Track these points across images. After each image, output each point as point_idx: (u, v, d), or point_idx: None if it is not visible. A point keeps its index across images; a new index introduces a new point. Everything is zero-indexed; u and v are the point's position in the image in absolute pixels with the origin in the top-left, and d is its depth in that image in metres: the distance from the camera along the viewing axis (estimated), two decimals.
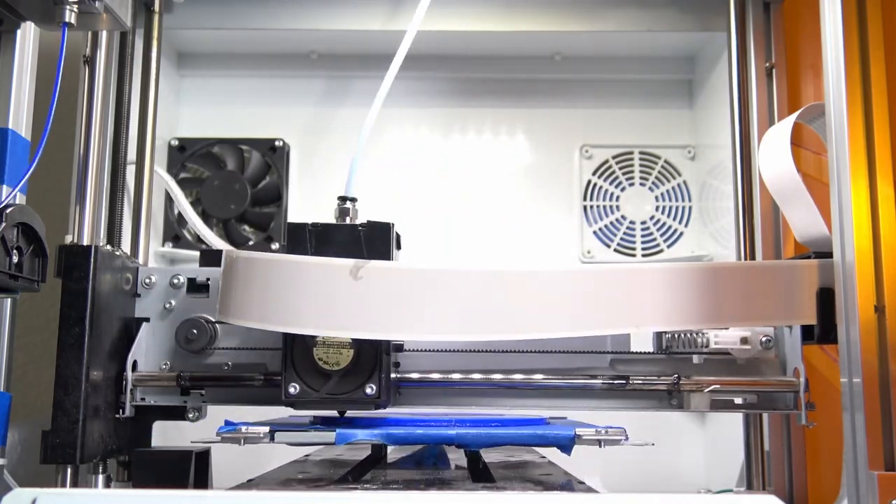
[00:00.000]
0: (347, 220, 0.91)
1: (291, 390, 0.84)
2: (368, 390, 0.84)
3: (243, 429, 0.83)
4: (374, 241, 0.87)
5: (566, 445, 0.83)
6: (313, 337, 0.84)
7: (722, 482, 1.30)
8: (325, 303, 0.83)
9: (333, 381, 0.84)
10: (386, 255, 0.87)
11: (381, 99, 0.99)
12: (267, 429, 0.83)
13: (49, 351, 0.86)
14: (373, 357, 0.85)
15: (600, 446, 0.82)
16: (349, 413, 0.93)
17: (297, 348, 0.85)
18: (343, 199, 0.92)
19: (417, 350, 0.94)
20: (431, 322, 0.84)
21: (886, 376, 0.75)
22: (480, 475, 0.91)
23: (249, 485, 0.87)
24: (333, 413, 0.92)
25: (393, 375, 0.90)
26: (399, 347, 0.93)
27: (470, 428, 0.86)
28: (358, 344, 0.84)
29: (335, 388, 0.84)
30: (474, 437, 0.84)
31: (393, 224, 0.89)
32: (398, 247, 0.91)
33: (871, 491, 0.73)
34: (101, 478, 0.94)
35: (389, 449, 1.07)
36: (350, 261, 0.84)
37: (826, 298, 0.84)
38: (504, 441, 0.83)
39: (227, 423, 0.83)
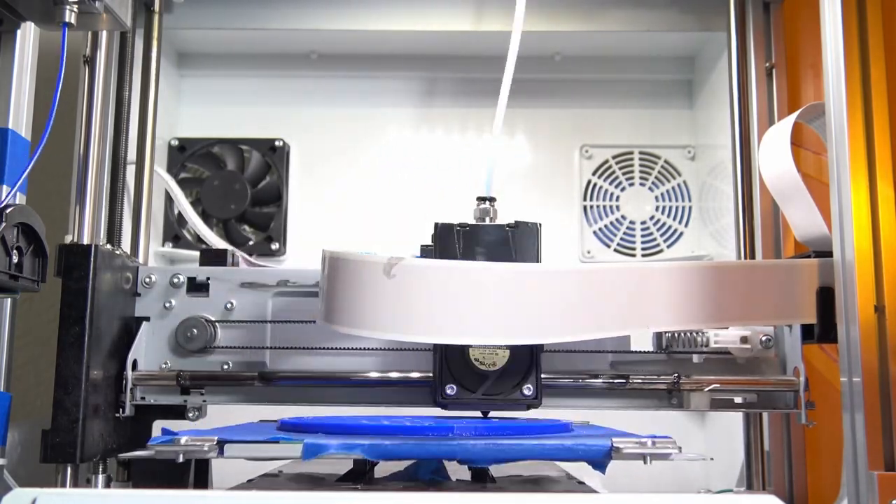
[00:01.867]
0: (488, 220, 0.89)
1: (449, 391, 0.83)
2: (526, 391, 0.83)
3: (183, 440, 0.71)
4: (523, 241, 0.87)
5: (600, 461, 0.69)
6: None
7: (722, 482, 1.29)
8: (475, 309, 0.80)
9: (490, 381, 0.84)
10: (534, 255, 0.86)
11: (504, 99, 0.97)
12: (214, 440, 0.71)
13: (49, 351, 0.86)
14: (528, 357, 0.84)
15: (646, 462, 0.69)
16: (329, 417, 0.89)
17: (451, 348, 0.83)
18: (482, 199, 0.91)
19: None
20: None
21: (886, 376, 0.75)
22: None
23: (249, 485, 0.87)
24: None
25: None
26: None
27: (475, 438, 0.73)
28: (513, 345, 0.83)
29: (492, 389, 0.83)
30: (482, 452, 0.70)
31: (541, 224, 0.88)
32: None
33: (871, 491, 0.73)
34: (101, 478, 0.94)
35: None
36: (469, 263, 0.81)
37: (826, 298, 0.84)
38: (520, 456, 0.70)
39: (165, 431, 0.74)
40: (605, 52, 1.51)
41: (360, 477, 0.87)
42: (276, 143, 1.48)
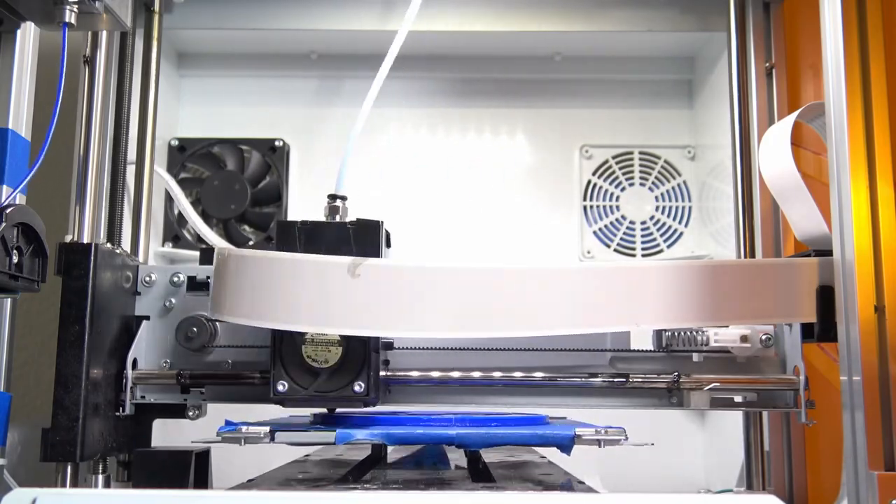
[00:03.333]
0: (337, 218, 0.90)
1: (280, 388, 0.84)
2: (357, 388, 0.84)
3: (244, 429, 0.82)
4: (364, 239, 0.87)
5: (566, 445, 0.83)
6: (302, 334, 0.84)
7: (722, 482, 1.30)
8: (320, 300, 0.83)
9: (322, 378, 0.84)
10: (375, 252, 0.87)
11: (372, 98, 0.99)
12: (267, 429, 0.82)
13: (49, 351, 0.86)
14: (361, 355, 0.85)
15: (600, 446, 0.82)
16: (349, 412, 0.93)
17: (285, 346, 0.85)
18: (333, 196, 0.92)
19: (410, 348, 0.94)
20: (429, 319, 0.84)
21: (886, 376, 0.75)
22: (480, 475, 0.91)
23: (249, 485, 0.87)
24: (326, 411, 0.93)
25: (383, 373, 0.90)
26: (389, 345, 0.93)
27: (470, 428, 0.86)
28: (346, 342, 0.84)
29: (324, 386, 0.84)
30: (475, 438, 0.83)
31: (382, 222, 0.89)
32: (388, 245, 0.90)
33: (871, 491, 0.73)
34: (100, 478, 0.94)
35: (389, 449, 1.07)
36: (347, 258, 0.84)
37: (826, 296, 0.84)
38: (504, 441, 0.84)
39: (228, 422, 0.83)
40: (605, 52, 1.52)
41: (376, 461, 1.01)
42: (276, 143, 1.49)
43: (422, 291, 0.84)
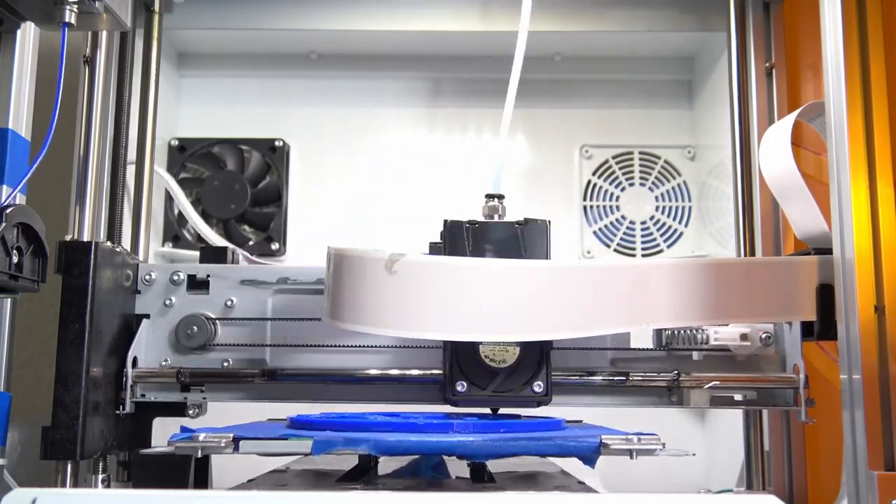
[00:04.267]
0: (496, 218, 0.89)
1: (459, 388, 0.83)
2: (536, 388, 0.84)
3: (201, 436, 0.75)
4: (532, 239, 0.87)
5: (589, 457, 0.73)
6: None
7: (722, 482, 1.29)
8: (494, 305, 0.81)
9: (500, 378, 0.84)
10: (543, 252, 0.86)
11: (512, 100, 1.01)
12: (230, 436, 0.74)
13: (49, 351, 0.86)
14: (538, 354, 0.84)
15: (632, 457, 0.73)
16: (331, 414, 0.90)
17: (462, 345, 0.84)
18: (490, 196, 0.91)
19: (408, 346, 0.93)
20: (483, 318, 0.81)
21: (886, 376, 0.75)
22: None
23: (250, 485, 0.87)
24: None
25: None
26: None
27: (473, 434, 0.76)
28: (524, 342, 0.83)
29: (502, 386, 0.83)
30: (479, 447, 0.73)
31: (549, 221, 0.88)
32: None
33: (871, 491, 0.73)
34: (100, 478, 0.94)
35: (381, 457, 1.02)
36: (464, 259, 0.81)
37: (826, 295, 0.84)
38: (515, 451, 0.74)
39: (184, 429, 0.78)
40: (605, 52, 1.52)
41: (364, 473, 0.89)
42: (276, 143, 1.49)
43: (475, 290, 0.82)
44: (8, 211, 0.77)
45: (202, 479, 0.94)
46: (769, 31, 1.21)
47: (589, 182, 1.51)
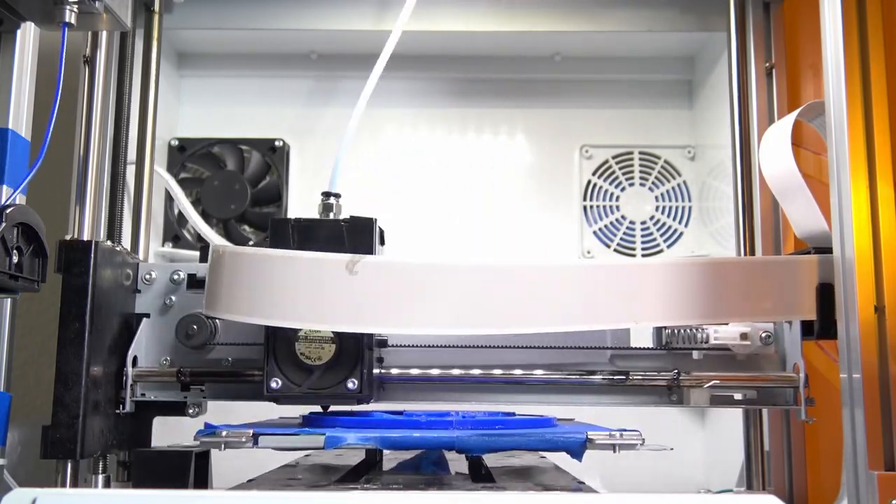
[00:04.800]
0: (331, 216, 0.90)
1: (273, 385, 0.84)
2: (350, 385, 0.84)
3: (224, 432, 0.79)
4: (357, 237, 0.87)
5: (577, 451, 0.78)
6: (295, 332, 0.84)
7: (722, 482, 1.29)
8: (316, 296, 0.82)
9: (315, 375, 0.84)
10: (369, 250, 0.86)
11: (367, 96, 0.99)
12: (250, 432, 0.79)
13: (49, 351, 0.86)
14: (355, 352, 0.84)
15: (615, 451, 0.78)
16: (342, 412, 0.92)
17: (279, 343, 0.84)
18: (327, 194, 0.92)
19: (405, 346, 0.93)
20: (427, 315, 0.83)
21: (886, 376, 0.75)
22: (482, 480, 0.89)
23: (249, 485, 0.87)
24: (323, 412, 0.92)
25: (376, 371, 0.90)
26: (383, 343, 0.93)
27: (471, 431, 0.81)
28: (340, 339, 0.84)
29: (317, 383, 0.84)
30: (477, 442, 0.79)
31: (376, 219, 0.88)
32: (381, 242, 0.90)
33: (870, 491, 0.73)
34: (100, 477, 0.94)
35: (385, 453, 1.04)
36: (345, 255, 0.84)
37: (826, 294, 0.84)
38: (509, 446, 0.79)
39: (208, 425, 0.81)
40: (605, 52, 1.52)
41: (371, 466, 0.96)
42: (276, 143, 1.49)
43: (420, 288, 0.84)
44: (8, 211, 0.77)
45: (202, 479, 0.94)
46: (769, 31, 1.21)
47: (589, 182, 1.51)
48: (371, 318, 0.83)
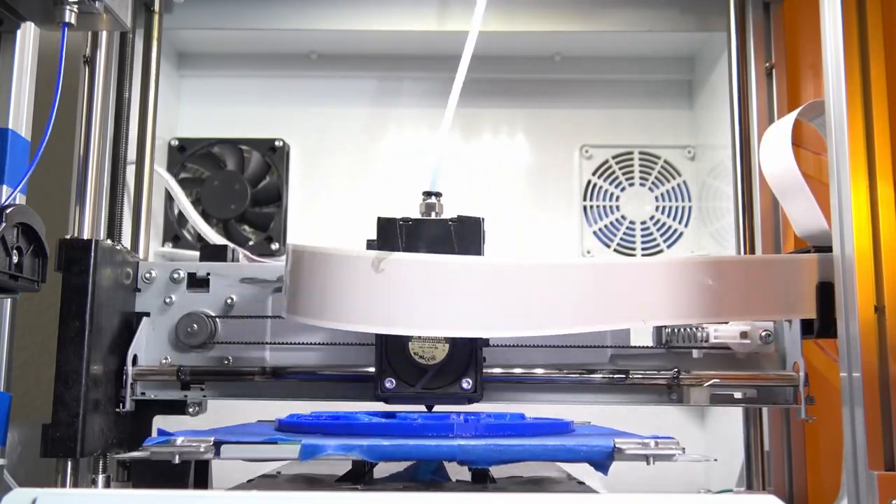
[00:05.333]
0: (433, 215, 0.90)
1: (388, 385, 0.84)
2: (465, 385, 0.84)
3: (179, 440, 0.70)
4: (465, 236, 0.87)
5: (602, 462, 0.67)
6: None
7: (722, 482, 1.29)
8: (426, 299, 0.82)
9: (429, 375, 0.84)
10: (476, 249, 0.87)
11: (456, 94, 1.02)
12: (211, 441, 0.70)
13: (49, 351, 0.86)
14: (468, 351, 0.84)
15: (649, 463, 0.68)
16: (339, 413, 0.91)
17: (391, 343, 0.84)
18: (428, 194, 0.91)
19: None
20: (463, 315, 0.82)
21: (886, 376, 0.75)
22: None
23: (249, 485, 0.87)
24: (428, 410, 0.90)
25: None
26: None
27: (476, 438, 0.72)
28: (453, 339, 0.83)
29: (431, 383, 0.84)
30: (483, 452, 0.68)
31: (483, 219, 0.88)
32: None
33: (870, 491, 0.73)
34: (101, 478, 0.94)
35: None
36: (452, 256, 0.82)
37: (826, 292, 0.84)
38: (521, 457, 0.69)
39: (161, 432, 0.74)
40: (605, 52, 1.52)
41: (359, 478, 0.86)
42: (276, 143, 1.49)
43: (451, 287, 0.83)
44: (8, 211, 0.77)
45: (202, 480, 0.94)
46: (769, 31, 1.21)
47: (589, 182, 1.51)
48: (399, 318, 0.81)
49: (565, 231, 1.49)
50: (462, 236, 0.87)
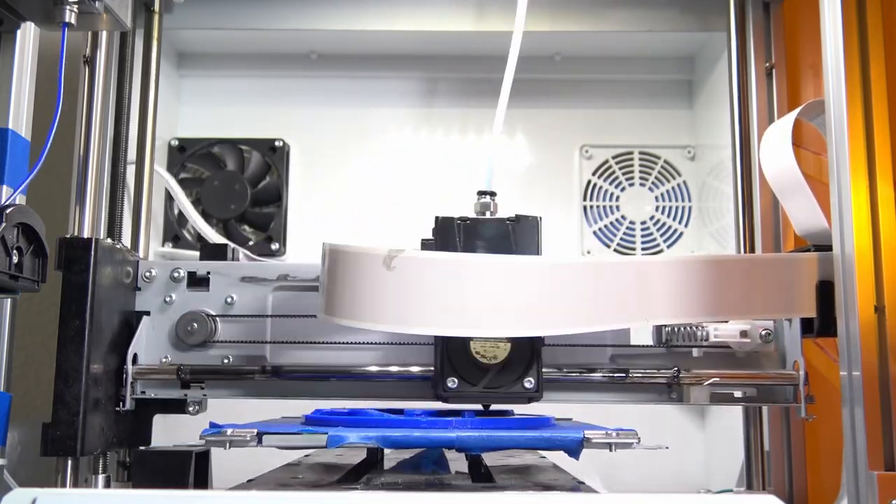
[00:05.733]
0: (488, 214, 0.90)
1: (450, 384, 0.84)
2: (527, 384, 0.84)
3: (229, 431, 0.79)
4: (523, 235, 0.87)
5: (574, 449, 0.79)
6: None
7: (722, 482, 1.30)
8: (485, 301, 0.82)
9: (491, 374, 0.84)
10: (534, 248, 0.87)
11: (506, 96, 1.04)
12: (254, 431, 0.80)
13: (49, 351, 0.86)
14: (529, 350, 0.85)
15: (611, 450, 0.79)
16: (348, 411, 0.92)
17: (453, 342, 0.84)
18: (483, 193, 0.91)
19: (408, 343, 0.93)
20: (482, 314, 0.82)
21: (886, 376, 0.75)
22: (482, 479, 0.90)
23: (249, 485, 0.87)
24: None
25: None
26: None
27: (471, 430, 0.82)
28: (515, 338, 0.84)
29: (493, 382, 0.84)
30: (476, 441, 0.80)
31: (540, 218, 0.88)
32: None
33: (870, 491, 0.73)
34: (101, 477, 0.94)
35: (386, 452, 1.05)
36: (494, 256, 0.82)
37: (826, 291, 0.84)
38: (507, 445, 0.80)
39: (213, 425, 0.82)
40: (605, 52, 1.52)
41: (371, 466, 0.97)
42: (276, 143, 1.49)
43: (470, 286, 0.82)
44: (8, 211, 0.77)
45: (202, 479, 0.94)
46: (769, 31, 1.21)
47: (589, 182, 1.51)
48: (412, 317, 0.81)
49: (565, 231, 1.50)
50: (520, 235, 0.87)
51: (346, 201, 1.51)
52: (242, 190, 1.45)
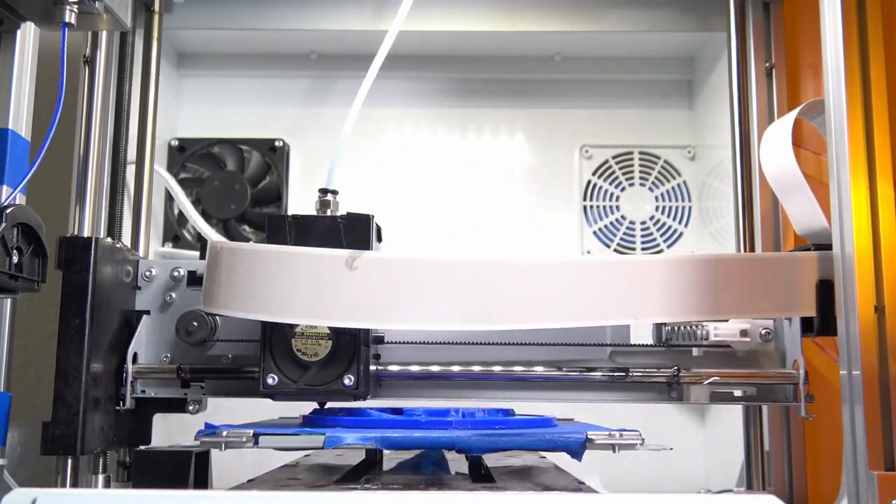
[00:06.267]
0: (328, 213, 0.90)
1: (270, 381, 0.84)
2: (347, 381, 0.84)
3: (224, 432, 0.79)
4: (354, 233, 0.87)
5: (577, 451, 0.78)
6: (292, 328, 0.84)
7: (722, 482, 1.29)
8: (314, 292, 0.83)
9: (312, 371, 0.84)
10: (365, 246, 0.86)
11: (363, 95, 0.99)
12: (251, 432, 0.79)
13: (49, 350, 0.86)
14: (351, 348, 0.85)
15: (614, 451, 0.78)
16: (340, 411, 0.92)
17: (275, 339, 0.85)
18: (324, 191, 0.92)
19: (403, 342, 0.94)
20: (428, 311, 0.83)
21: (886, 375, 0.75)
22: (482, 480, 0.89)
23: (249, 485, 0.87)
24: (320, 408, 0.92)
25: (373, 367, 0.90)
26: (380, 340, 0.93)
27: (471, 431, 0.81)
28: (336, 336, 0.84)
29: (313, 379, 0.84)
30: (477, 442, 0.79)
31: (372, 216, 0.88)
32: (379, 239, 0.90)
33: (870, 491, 0.73)
34: (101, 477, 0.94)
35: (386, 452, 1.04)
36: (343, 251, 0.84)
37: (826, 290, 0.84)
38: (509, 446, 0.79)
39: (208, 425, 0.81)
40: (605, 52, 1.52)
41: (371, 466, 0.96)
42: (276, 143, 1.49)
43: (420, 283, 0.84)
44: (8, 211, 0.77)
45: (202, 479, 0.94)
46: (769, 31, 1.21)
47: (589, 182, 1.51)
48: (371, 313, 0.83)
49: (565, 231, 1.50)
50: (351, 233, 0.87)
51: (346, 201, 1.50)
52: (242, 190, 1.45)
